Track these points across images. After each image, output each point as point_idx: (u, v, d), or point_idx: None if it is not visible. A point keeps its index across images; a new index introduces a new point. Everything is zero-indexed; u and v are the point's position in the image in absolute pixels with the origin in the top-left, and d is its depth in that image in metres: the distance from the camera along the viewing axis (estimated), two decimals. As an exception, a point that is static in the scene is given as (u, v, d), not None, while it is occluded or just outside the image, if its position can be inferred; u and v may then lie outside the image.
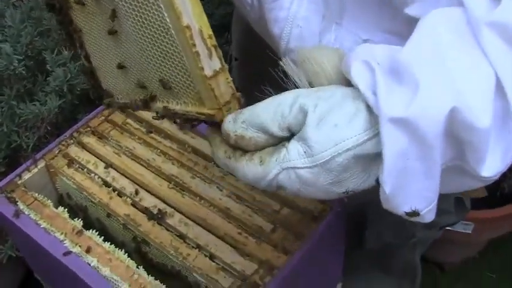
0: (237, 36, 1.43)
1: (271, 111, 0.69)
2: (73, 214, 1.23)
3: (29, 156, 1.39)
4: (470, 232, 1.87)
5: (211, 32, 0.73)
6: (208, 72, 0.73)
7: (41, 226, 1.18)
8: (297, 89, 0.71)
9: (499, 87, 0.61)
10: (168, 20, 0.74)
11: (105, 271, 1.09)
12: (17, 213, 1.21)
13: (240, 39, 1.43)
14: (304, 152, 0.66)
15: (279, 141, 0.70)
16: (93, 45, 0.97)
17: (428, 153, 0.63)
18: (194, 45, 0.72)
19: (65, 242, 1.15)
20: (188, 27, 0.71)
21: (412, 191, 0.66)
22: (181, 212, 1.18)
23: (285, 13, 1.02)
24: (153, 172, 1.27)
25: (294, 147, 0.67)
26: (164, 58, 0.79)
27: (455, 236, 1.89)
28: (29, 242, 1.19)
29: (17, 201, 1.24)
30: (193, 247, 1.12)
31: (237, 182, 1.21)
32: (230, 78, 0.76)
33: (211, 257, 1.11)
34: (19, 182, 1.29)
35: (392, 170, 0.63)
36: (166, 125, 1.35)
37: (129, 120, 1.39)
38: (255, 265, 1.08)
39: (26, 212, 1.21)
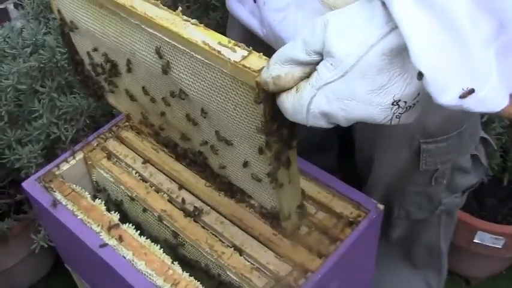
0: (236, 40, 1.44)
1: (296, 42, 0.69)
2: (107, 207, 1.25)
3: (66, 149, 1.41)
4: (500, 247, 1.85)
5: (228, 39, 0.82)
6: (236, 58, 0.79)
7: (78, 217, 1.20)
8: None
9: None
10: (194, 54, 0.85)
11: (140, 265, 1.10)
12: (55, 203, 1.22)
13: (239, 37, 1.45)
14: (331, 65, 0.65)
15: (314, 69, 0.69)
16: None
17: (449, 18, 0.59)
18: (214, 49, 0.81)
19: (101, 234, 1.16)
20: (205, 42, 0.83)
21: (451, 67, 0.61)
22: (217, 211, 1.19)
23: (292, 30, 1.06)
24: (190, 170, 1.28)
25: (322, 65, 0.67)
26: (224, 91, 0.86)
27: (485, 249, 1.87)
28: (64, 232, 1.21)
29: (55, 191, 1.26)
30: (228, 246, 1.13)
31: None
32: (261, 54, 0.79)
33: (246, 257, 1.11)
34: (57, 172, 1.31)
35: (420, 48, 0.60)
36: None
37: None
38: (289, 267, 1.09)
39: (63, 203, 1.23)
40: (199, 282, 1.07)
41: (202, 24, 0.86)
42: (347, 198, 1.18)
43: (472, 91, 0.60)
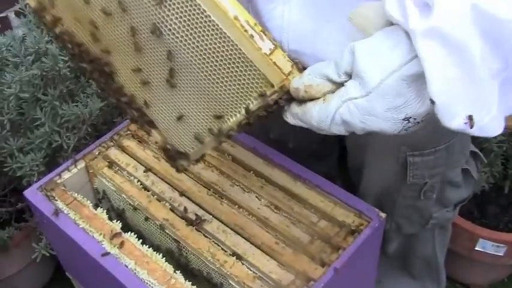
0: None
1: (329, 64, 0.78)
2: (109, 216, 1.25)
3: (68, 157, 1.41)
4: (501, 255, 1.85)
5: (255, 21, 0.82)
6: (266, 50, 0.81)
7: (80, 226, 1.20)
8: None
9: None
10: (216, 20, 0.81)
11: (143, 274, 1.10)
12: (56, 212, 1.22)
13: None
14: (359, 84, 0.73)
15: (342, 85, 0.78)
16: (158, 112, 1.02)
17: (464, 55, 0.67)
18: (246, 31, 0.81)
19: (103, 243, 1.16)
20: (236, 18, 0.80)
21: (461, 97, 0.69)
22: (219, 220, 1.19)
23: (279, 22, 1.10)
24: (192, 178, 1.28)
25: (351, 83, 0.75)
26: (227, 63, 0.86)
27: (486, 257, 1.87)
28: (66, 241, 1.21)
29: (56, 200, 1.26)
30: (230, 254, 1.13)
31: (276, 192, 1.22)
32: (286, 53, 0.83)
33: (248, 266, 1.11)
34: (59, 181, 1.31)
35: (435, 80, 0.68)
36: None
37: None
38: (291, 275, 1.08)
39: (65, 211, 1.23)
40: (201, 291, 1.07)
41: None
42: (349, 206, 1.18)
43: (471, 118, 0.70)
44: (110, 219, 1.22)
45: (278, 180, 1.25)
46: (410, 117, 0.74)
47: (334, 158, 1.80)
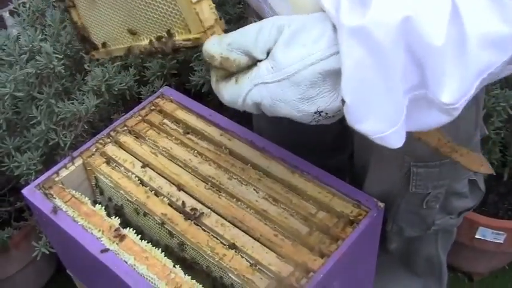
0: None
1: (254, 36, 0.74)
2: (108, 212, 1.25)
3: (65, 155, 1.41)
4: (501, 242, 1.85)
5: None
6: None
7: (79, 223, 1.20)
8: (276, 16, 0.78)
9: (455, 12, 0.64)
10: None
11: (142, 269, 1.10)
12: (55, 210, 1.22)
13: None
14: (272, 68, 0.72)
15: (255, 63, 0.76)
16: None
17: (384, 62, 0.66)
18: None
19: (101, 239, 1.16)
20: None
21: (372, 104, 0.69)
22: (217, 213, 1.19)
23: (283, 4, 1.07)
24: (190, 173, 1.28)
25: (264, 64, 0.73)
26: None
27: (486, 245, 1.88)
28: (65, 239, 1.21)
29: (55, 198, 1.26)
30: (229, 248, 1.13)
31: (274, 185, 1.22)
32: (213, 5, 0.81)
33: (248, 258, 1.11)
34: (56, 179, 1.30)
35: (350, 79, 0.67)
36: (202, 126, 1.36)
37: (166, 121, 1.40)
38: (290, 267, 1.08)
39: (64, 209, 1.23)
40: (201, 285, 1.07)
41: None
42: (347, 197, 1.18)
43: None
44: (109, 215, 1.22)
45: (276, 173, 1.24)
46: (322, 111, 0.73)
47: (347, 153, 1.80)
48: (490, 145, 1.82)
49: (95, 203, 1.28)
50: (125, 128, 1.40)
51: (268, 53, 0.74)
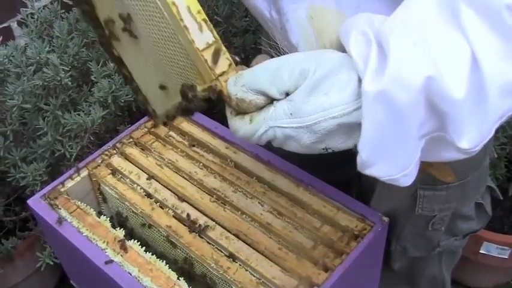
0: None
1: (270, 75, 0.72)
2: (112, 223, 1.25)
3: (71, 166, 1.42)
4: (506, 257, 1.85)
5: (199, 8, 0.76)
6: (199, 45, 0.75)
7: (83, 234, 1.20)
8: (296, 53, 0.74)
9: (474, 64, 0.63)
10: (159, 3, 0.77)
11: (146, 281, 1.10)
12: (60, 220, 1.23)
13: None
14: (290, 114, 0.70)
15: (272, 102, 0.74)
16: (132, 63, 0.98)
17: (404, 121, 0.66)
18: (182, 19, 0.74)
19: (106, 250, 1.17)
20: (174, 3, 0.74)
21: (386, 158, 0.69)
22: (222, 226, 1.19)
23: (297, 25, 1.04)
24: (195, 185, 1.28)
25: (281, 106, 0.71)
26: (168, 45, 0.81)
27: (491, 260, 1.87)
28: (70, 249, 1.21)
29: (60, 209, 1.26)
30: (233, 261, 1.13)
31: (279, 198, 1.22)
32: (225, 50, 0.78)
33: (252, 271, 1.11)
34: (62, 189, 1.31)
35: (369, 139, 0.67)
36: (208, 138, 1.37)
37: (171, 133, 1.41)
38: (295, 281, 1.08)
39: (69, 220, 1.23)
40: (204, 298, 1.07)
41: None
42: (352, 211, 1.18)
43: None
44: (113, 227, 1.22)
45: (281, 186, 1.25)
46: (329, 148, 0.73)
47: (355, 168, 1.78)
48: (496, 160, 1.82)
49: (99, 214, 1.29)
50: (131, 139, 1.41)
51: (286, 93, 0.72)
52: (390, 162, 0.70)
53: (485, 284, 2.10)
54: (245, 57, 1.97)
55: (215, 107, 1.85)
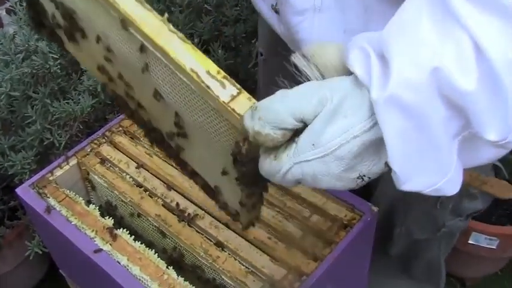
0: (263, 32, 1.45)
1: (286, 106, 0.69)
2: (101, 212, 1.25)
3: (60, 154, 1.41)
4: (494, 247, 1.86)
5: (218, 69, 0.78)
6: (225, 98, 0.76)
7: (72, 223, 1.20)
8: (308, 83, 0.72)
9: (478, 50, 0.60)
10: (181, 75, 0.80)
11: (135, 270, 1.10)
12: (48, 209, 1.22)
13: (266, 36, 1.45)
14: (313, 144, 0.68)
15: (294, 134, 0.71)
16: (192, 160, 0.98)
17: (424, 121, 0.64)
18: (203, 81, 0.76)
19: (95, 239, 1.16)
20: (193, 70, 0.77)
21: (421, 165, 0.67)
22: (211, 215, 1.19)
23: (307, 35, 1.07)
24: (184, 174, 1.27)
25: (303, 140, 0.69)
26: (206, 118, 0.82)
27: (479, 250, 1.88)
28: (59, 238, 1.21)
29: (48, 197, 1.25)
30: (223, 250, 1.13)
31: (268, 188, 1.22)
32: (249, 96, 0.77)
33: (241, 261, 1.11)
34: (51, 178, 1.30)
35: (395, 149, 0.65)
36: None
37: (161, 122, 1.40)
38: (284, 270, 1.08)
39: (57, 208, 1.23)
40: (194, 287, 1.07)
41: (189, 41, 0.80)
42: (341, 201, 1.18)
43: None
44: (102, 215, 1.22)
45: (270, 175, 1.24)
46: (364, 176, 0.70)
47: None
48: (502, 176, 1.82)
49: (88, 203, 1.28)
50: (120, 128, 1.40)
51: (304, 124, 0.70)
52: (427, 170, 0.67)
53: (474, 275, 2.11)
54: (235, 46, 1.96)
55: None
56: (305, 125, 0.70)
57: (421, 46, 0.62)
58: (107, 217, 1.21)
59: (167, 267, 1.10)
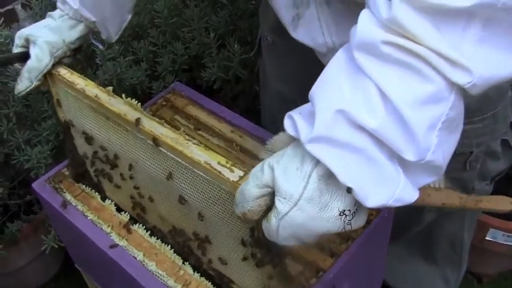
0: (269, 15, 1.45)
1: (250, 184, 0.80)
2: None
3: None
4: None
5: (225, 159, 0.94)
6: (234, 178, 0.91)
7: (88, 218, 1.20)
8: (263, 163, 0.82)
9: (380, 92, 0.71)
10: (199, 171, 0.96)
11: (151, 265, 1.10)
12: (64, 204, 1.22)
13: (272, 21, 1.46)
14: (284, 198, 0.77)
15: (272, 195, 0.80)
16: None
17: (351, 148, 0.73)
18: (215, 169, 0.92)
19: (111, 234, 1.16)
20: (207, 162, 0.94)
21: (372, 181, 0.75)
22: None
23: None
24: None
25: (276, 199, 0.78)
26: (223, 202, 0.96)
27: (497, 247, 1.87)
28: (74, 233, 1.21)
29: (64, 192, 1.26)
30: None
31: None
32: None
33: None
34: (67, 173, 1.30)
35: (339, 169, 0.73)
36: (214, 122, 1.36)
37: (177, 117, 1.40)
38: (300, 266, 1.08)
39: (73, 203, 1.23)
40: (210, 283, 1.07)
41: (202, 144, 0.98)
42: (358, 196, 1.17)
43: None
44: (119, 211, 1.22)
45: (287, 171, 1.24)
46: (344, 210, 0.77)
47: None
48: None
49: (104, 198, 1.28)
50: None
51: (267, 186, 0.79)
52: (379, 185, 0.75)
53: (489, 271, 2.09)
54: (251, 40, 1.95)
55: (221, 90, 1.84)
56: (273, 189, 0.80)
57: (335, 93, 0.74)
58: (123, 212, 1.21)
59: (183, 263, 1.10)
